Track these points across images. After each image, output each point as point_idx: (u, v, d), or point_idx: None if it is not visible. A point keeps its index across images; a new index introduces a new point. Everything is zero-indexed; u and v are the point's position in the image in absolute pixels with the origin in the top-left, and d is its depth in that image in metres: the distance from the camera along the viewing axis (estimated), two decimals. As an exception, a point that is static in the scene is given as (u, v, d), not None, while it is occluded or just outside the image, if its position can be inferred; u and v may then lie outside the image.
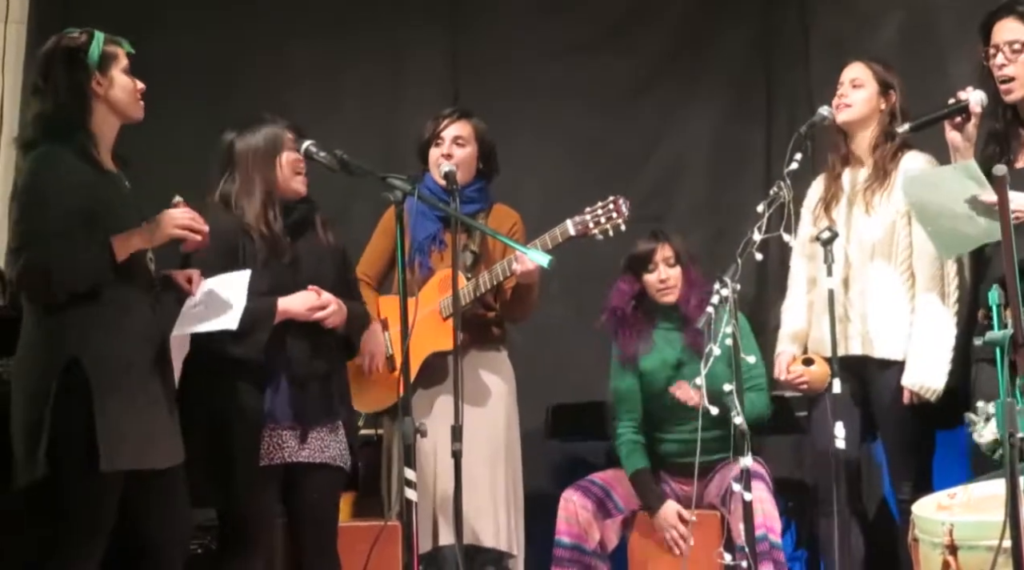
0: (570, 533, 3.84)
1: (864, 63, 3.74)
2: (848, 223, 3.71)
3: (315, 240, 3.40)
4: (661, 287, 3.93)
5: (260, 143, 3.34)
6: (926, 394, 3.57)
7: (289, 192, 3.37)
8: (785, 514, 3.94)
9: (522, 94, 4.87)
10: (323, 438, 3.33)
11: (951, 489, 2.91)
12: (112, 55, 3.00)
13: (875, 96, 3.71)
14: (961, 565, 2.61)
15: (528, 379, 4.01)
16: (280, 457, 3.27)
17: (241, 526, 3.26)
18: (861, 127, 3.73)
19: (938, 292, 3.61)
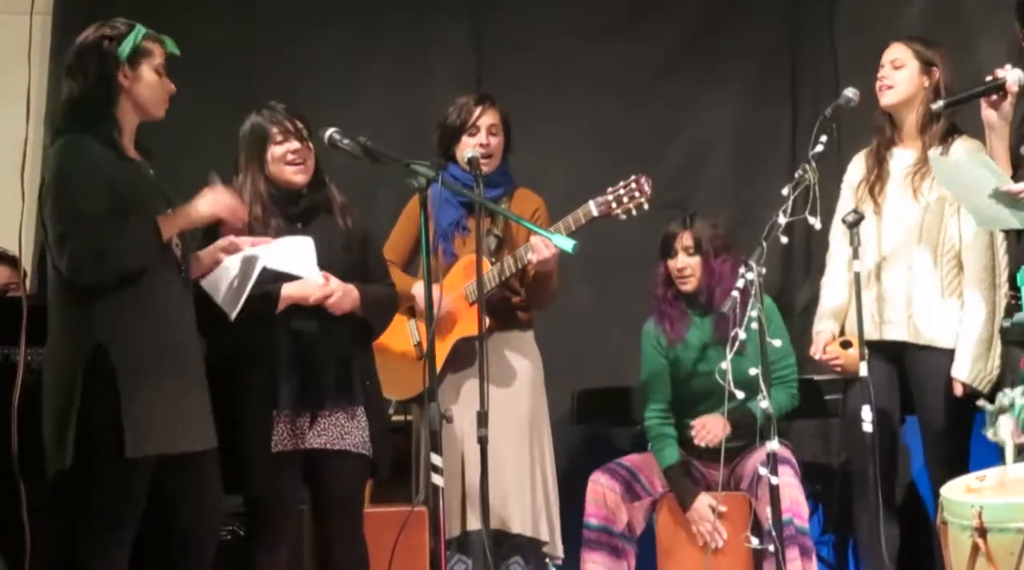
0: (598, 515, 3.85)
1: (903, 43, 3.69)
2: (891, 206, 3.67)
3: (328, 226, 3.40)
4: (678, 275, 3.93)
5: (247, 133, 3.38)
6: (978, 386, 3.54)
7: (285, 184, 3.37)
8: (812, 498, 3.93)
9: (545, 79, 4.86)
10: (342, 424, 3.33)
11: (980, 471, 2.89)
12: (146, 51, 3.01)
13: (917, 74, 3.66)
14: (991, 547, 2.59)
15: (554, 364, 4.01)
16: (294, 444, 3.28)
17: (263, 512, 3.28)
18: (907, 108, 3.67)
19: (989, 283, 3.56)
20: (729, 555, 3.74)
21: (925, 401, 3.65)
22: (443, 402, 3.45)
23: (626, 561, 3.83)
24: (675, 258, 3.93)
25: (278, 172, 3.36)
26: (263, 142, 3.35)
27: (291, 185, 3.37)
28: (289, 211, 3.36)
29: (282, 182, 3.36)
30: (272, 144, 3.34)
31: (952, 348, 3.59)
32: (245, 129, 3.38)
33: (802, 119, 4.76)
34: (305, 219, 3.38)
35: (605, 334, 4.59)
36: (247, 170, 3.36)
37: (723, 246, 3.92)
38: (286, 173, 3.35)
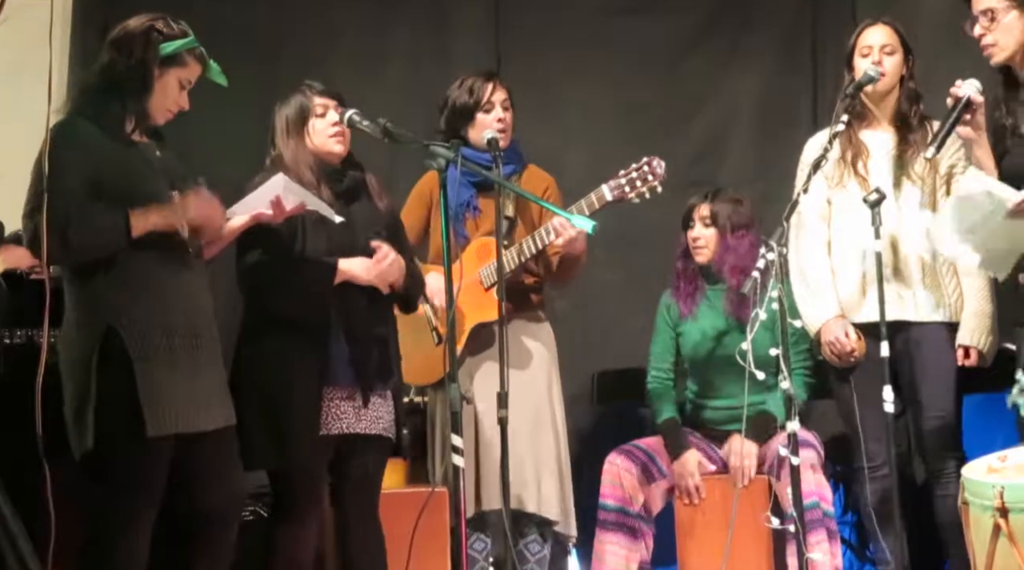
0: (615, 496, 3.85)
1: (890, 27, 3.70)
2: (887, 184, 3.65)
3: (370, 205, 3.42)
4: (693, 245, 3.95)
5: (290, 112, 3.39)
6: (986, 353, 3.53)
7: (327, 155, 3.38)
8: (833, 478, 3.92)
9: (565, 56, 4.85)
10: (378, 407, 3.34)
11: (1002, 451, 2.89)
12: (183, 61, 3.02)
13: (902, 61, 3.69)
14: (1012, 527, 2.60)
15: (573, 344, 4.02)
16: (339, 427, 3.27)
17: (294, 493, 3.28)
18: (888, 92, 3.69)
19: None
20: (749, 537, 3.74)
21: (921, 379, 3.62)
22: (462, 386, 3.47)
23: (643, 541, 3.84)
24: (693, 228, 3.94)
25: (320, 144, 3.37)
26: (305, 116, 3.38)
27: (331, 156, 3.38)
28: (336, 188, 3.37)
29: (323, 153, 3.38)
30: (313, 117, 3.37)
31: (954, 322, 3.59)
32: (289, 106, 3.39)
33: (823, 97, 4.73)
34: (348, 198, 3.39)
35: (625, 314, 4.58)
36: (288, 142, 3.37)
37: (743, 222, 3.92)
38: (327, 144, 3.37)
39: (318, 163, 3.37)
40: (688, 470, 3.84)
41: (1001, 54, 3.32)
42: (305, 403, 3.23)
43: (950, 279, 3.64)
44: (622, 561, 3.81)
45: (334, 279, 3.27)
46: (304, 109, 3.39)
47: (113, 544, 2.88)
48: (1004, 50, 3.32)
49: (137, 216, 2.91)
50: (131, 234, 2.90)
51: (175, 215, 2.97)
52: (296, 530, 3.28)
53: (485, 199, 3.79)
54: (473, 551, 3.78)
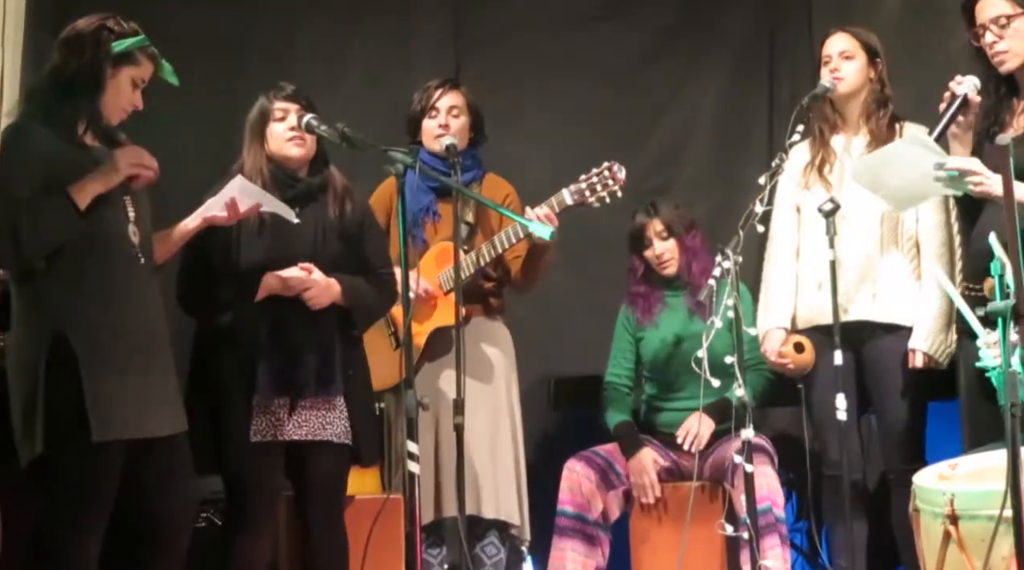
0: (573, 502, 3.86)
1: (849, 33, 3.74)
2: (845, 188, 3.69)
3: (322, 212, 3.39)
4: (658, 262, 3.96)
5: (252, 117, 3.40)
6: (938, 356, 3.57)
7: (285, 159, 3.37)
8: (786, 486, 3.95)
9: (525, 66, 4.85)
10: (322, 415, 3.33)
11: (952, 459, 2.91)
12: (136, 59, 3.00)
13: (865, 66, 3.72)
14: (962, 535, 2.62)
15: (531, 350, 4.02)
16: (273, 434, 3.28)
17: (242, 499, 3.28)
18: (853, 98, 3.73)
19: (946, 260, 3.62)
20: (703, 543, 3.76)
21: (885, 383, 3.67)
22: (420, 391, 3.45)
23: (600, 549, 3.85)
24: (651, 247, 3.96)
25: (277, 148, 3.37)
26: (264, 120, 3.38)
27: (289, 161, 3.38)
28: (286, 193, 3.35)
29: (281, 158, 3.37)
30: (272, 121, 3.37)
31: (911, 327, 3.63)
32: (252, 110, 3.42)
33: (779, 108, 4.77)
34: (300, 203, 3.37)
35: (583, 320, 4.60)
36: (250, 147, 3.39)
37: (690, 222, 3.99)
38: (284, 148, 3.36)
39: (275, 167, 3.35)
40: (644, 466, 3.84)
41: (1015, 60, 3.31)
42: (233, 414, 3.24)
43: (913, 281, 3.67)
44: (580, 567, 3.81)
45: (257, 294, 3.27)
46: (264, 113, 3.39)
47: (62, 552, 2.84)
48: (1018, 56, 3.31)
49: (77, 189, 2.88)
50: (80, 209, 2.87)
51: (109, 173, 2.94)
52: (248, 538, 3.28)
53: (444, 204, 3.80)
54: (429, 556, 3.78)
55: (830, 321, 3.50)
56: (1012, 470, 2.29)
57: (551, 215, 3.60)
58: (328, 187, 3.43)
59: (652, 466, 3.85)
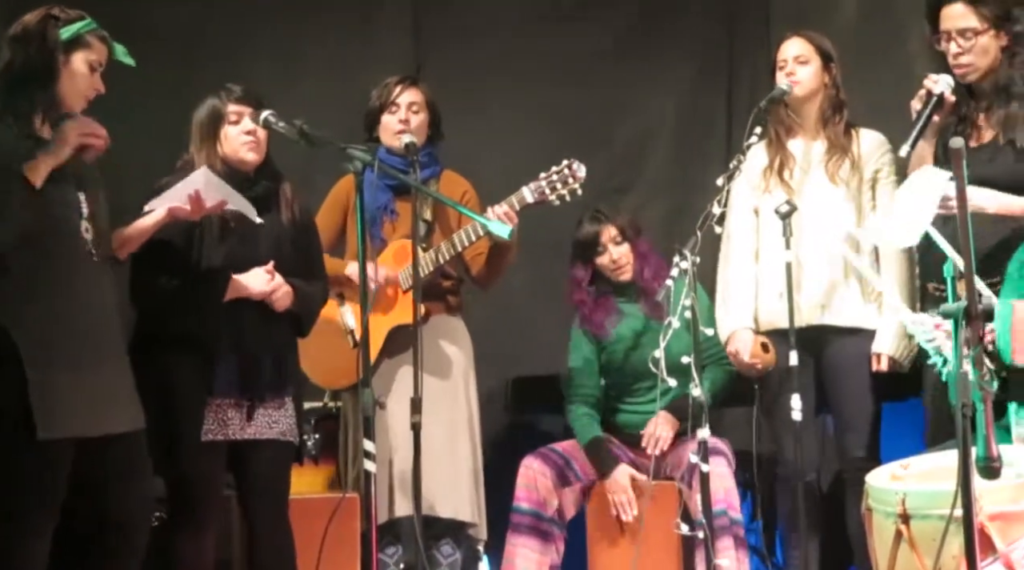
0: (529, 499, 3.86)
1: (804, 38, 3.77)
2: (804, 192, 3.73)
3: (276, 217, 3.38)
4: (614, 267, 3.96)
5: (203, 116, 3.36)
6: (902, 359, 3.61)
7: (239, 163, 3.35)
8: (742, 486, 3.98)
9: (485, 65, 4.85)
10: (271, 414, 3.32)
11: (904, 460, 2.94)
12: (87, 43, 2.97)
13: (820, 70, 3.75)
14: (913, 534, 2.64)
15: (488, 349, 4.02)
16: (224, 434, 3.27)
17: (188, 500, 3.27)
18: (809, 101, 3.76)
19: (908, 263, 3.65)
20: (658, 543, 3.77)
21: (842, 385, 3.70)
22: (379, 389, 3.46)
23: (555, 546, 3.85)
24: (605, 253, 3.96)
25: (231, 151, 3.34)
26: (218, 121, 3.34)
27: (243, 164, 3.35)
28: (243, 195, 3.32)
29: (235, 161, 3.34)
30: (226, 124, 3.34)
31: (873, 330, 3.66)
32: (201, 110, 3.37)
33: (738, 110, 4.79)
34: (257, 208, 3.34)
35: (541, 320, 4.60)
36: (201, 147, 3.35)
37: (638, 227, 4.00)
38: (239, 152, 3.33)
39: (228, 171, 3.33)
40: (621, 486, 3.83)
41: (975, 74, 3.39)
42: (188, 418, 3.21)
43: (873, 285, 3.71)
44: (533, 565, 3.81)
45: (224, 295, 3.25)
46: (217, 114, 3.35)
47: (10, 551, 2.81)
48: (978, 71, 3.39)
49: (30, 167, 2.85)
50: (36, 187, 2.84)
51: (58, 146, 2.91)
52: (193, 537, 3.26)
53: (402, 203, 3.79)
54: (385, 556, 3.77)
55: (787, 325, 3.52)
56: (963, 470, 2.32)
57: (511, 213, 3.61)
58: (280, 192, 3.41)
59: (628, 482, 3.83)
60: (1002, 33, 3.39)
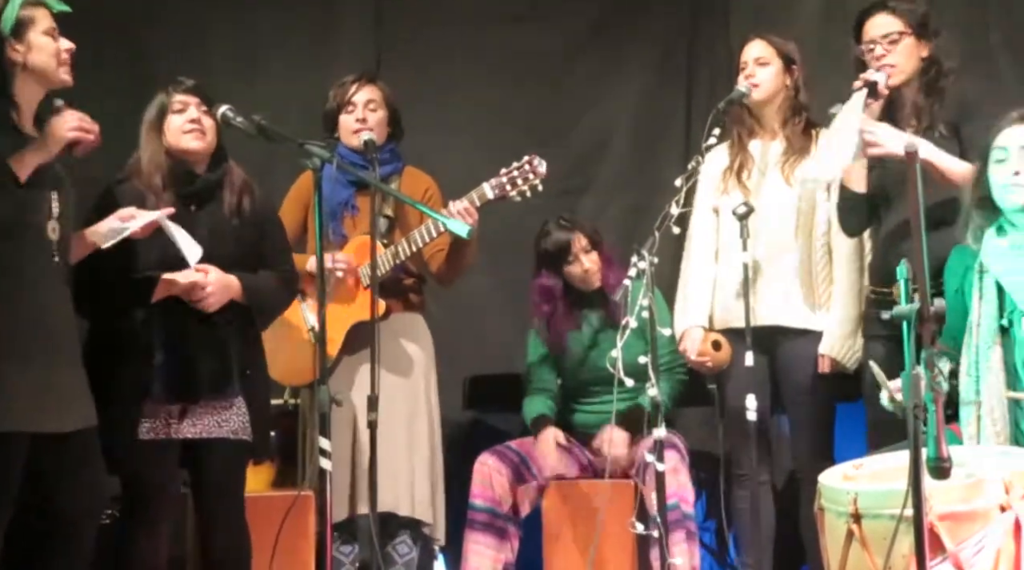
0: (484, 496, 3.87)
1: (765, 40, 3.80)
2: (762, 193, 3.76)
3: (219, 211, 3.34)
4: (585, 277, 3.96)
5: (150, 111, 3.34)
6: (845, 362, 3.64)
7: (183, 152, 3.31)
8: (697, 485, 4.00)
9: (447, 62, 4.85)
10: (218, 413, 3.28)
11: (857, 460, 2.97)
12: (29, 19, 2.92)
13: (780, 72, 3.78)
14: (865, 533, 2.66)
15: (446, 349, 4.01)
16: (167, 432, 3.24)
17: (139, 497, 3.24)
18: (769, 103, 3.79)
19: (856, 266, 3.69)
20: (614, 540, 3.79)
21: (796, 385, 3.73)
22: (339, 386, 3.46)
23: (509, 543, 3.86)
24: (576, 262, 3.96)
25: (175, 141, 3.31)
26: (163, 114, 3.32)
27: (188, 154, 3.31)
28: (183, 190, 3.30)
29: (179, 152, 3.31)
30: (171, 114, 3.31)
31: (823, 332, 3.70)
32: (150, 107, 3.35)
33: (697, 111, 4.81)
34: (198, 201, 3.32)
35: (498, 319, 4.61)
36: (147, 141, 3.32)
37: (597, 232, 4.01)
38: (183, 141, 3.30)
39: (172, 164, 3.29)
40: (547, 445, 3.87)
41: (899, 76, 3.44)
42: (123, 417, 3.18)
43: (825, 287, 3.74)
44: (488, 562, 3.82)
45: (152, 295, 3.22)
46: (162, 107, 3.32)
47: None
48: (903, 73, 3.45)
49: (16, 161, 2.83)
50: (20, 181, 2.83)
51: (47, 141, 2.90)
52: (146, 535, 3.23)
53: (363, 198, 3.79)
54: (340, 554, 3.76)
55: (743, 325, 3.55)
56: (913, 470, 2.34)
57: (471, 209, 3.61)
58: (226, 183, 3.37)
59: (553, 442, 3.87)
60: (923, 42, 3.46)
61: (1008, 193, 3.00)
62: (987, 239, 3.05)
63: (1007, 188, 3.00)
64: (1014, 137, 3.02)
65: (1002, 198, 3.03)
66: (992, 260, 3.02)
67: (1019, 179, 2.99)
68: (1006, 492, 2.62)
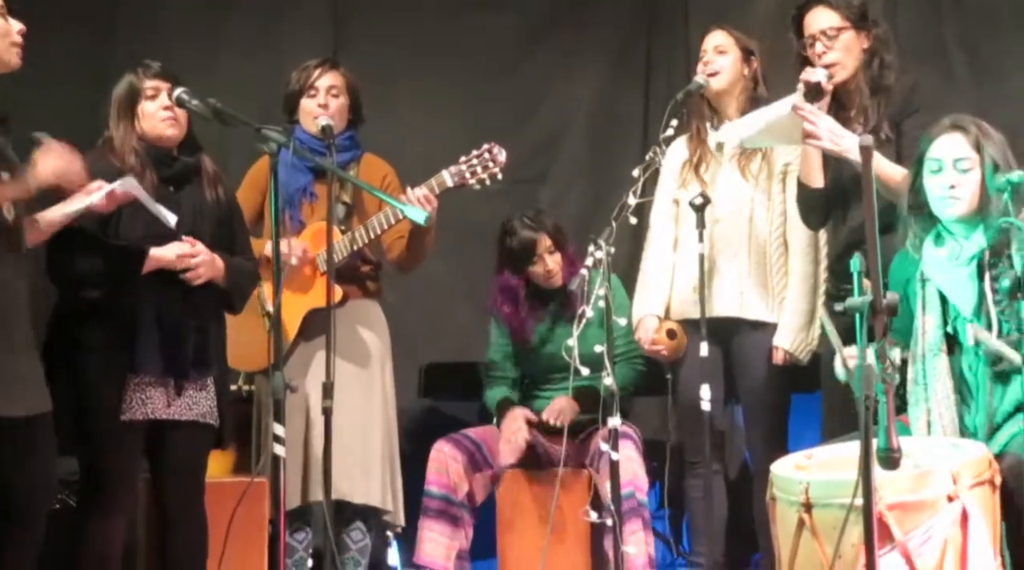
0: (439, 483, 3.87)
1: (725, 30, 3.82)
2: (720, 186, 3.78)
3: (198, 193, 3.34)
4: (548, 276, 3.97)
5: (120, 93, 3.31)
6: (799, 354, 3.67)
7: (158, 139, 3.30)
8: (650, 474, 4.02)
9: (405, 50, 4.83)
10: (192, 395, 3.28)
11: (808, 450, 3.00)
12: None
13: (739, 62, 3.79)
14: (815, 522, 2.69)
15: (402, 337, 4.01)
16: (144, 413, 3.21)
17: (101, 481, 3.21)
18: (728, 94, 3.81)
19: (811, 258, 3.72)
20: (569, 528, 3.81)
21: (750, 377, 3.76)
22: (294, 372, 3.44)
23: (463, 530, 3.87)
24: (540, 262, 3.96)
25: (149, 128, 3.29)
26: (135, 98, 3.29)
27: (162, 141, 3.30)
28: (162, 172, 3.28)
29: (153, 138, 3.30)
30: (144, 99, 3.29)
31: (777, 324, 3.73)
32: (119, 86, 3.32)
33: (655, 102, 4.83)
34: (177, 183, 3.31)
35: (456, 307, 4.61)
36: (119, 125, 3.30)
37: (562, 230, 4.01)
38: (157, 128, 3.29)
39: (146, 147, 3.28)
40: (517, 423, 3.89)
41: (843, 73, 3.46)
42: (108, 395, 3.15)
43: (779, 279, 3.77)
44: (442, 549, 3.83)
45: (142, 267, 3.19)
46: (134, 91, 3.30)
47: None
48: (845, 69, 3.47)
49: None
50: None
51: (29, 181, 2.88)
52: (103, 520, 3.20)
53: (321, 185, 3.76)
54: (294, 541, 3.74)
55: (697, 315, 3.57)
56: (864, 460, 2.37)
57: (430, 196, 3.60)
58: (201, 170, 3.37)
59: (524, 423, 3.91)
60: (863, 34, 3.48)
61: (945, 205, 3.01)
62: (926, 249, 3.06)
63: (944, 200, 3.00)
64: (947, 148, 3.02)
65: (939, 209, 3.04)
66: (932, 270, 3.04)
67: (955, 193, 2.99)
68: (954, 483, 2.66)
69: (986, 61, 4.28)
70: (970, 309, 2.97)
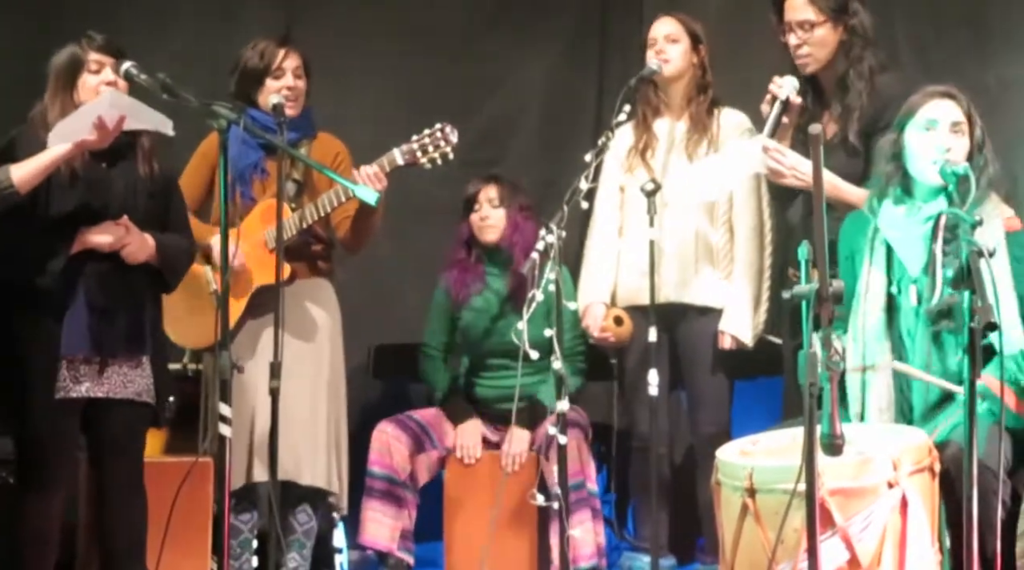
0: (382, 463, 3.86)
1: (675, 18, 3.84)
2: (667, 172, 3.80)
3: (131, 170, 3.28)
4: (481, 224, 3.96)
5: (61, 63, 3.25)
6: (744, 339, 3.70)
7: None
8: (598, 458, 4.04)
9: (357, 29, 4.79)
10: (125, 373, 3.24)
11: (754, 435, 3.02)
12: None
13: (689, 50, 3.82)
14: (759, 507, 2.72)
15: (352, 317, 3.99)
16: (78, 391, 3.18)
17: (38, 459, 3.18)
18: (676, 81, 3.82)
19: (757, 244, 3.75)
20: (515, 513, 3.81)
21: (696, 362, 3.79)
22: (240, 351, 3.41)
23: (407, 510, 3.86)
24: (478, 211, 3.96)
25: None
26: (76, 70, 3.23)
27: None
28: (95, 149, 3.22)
29: None
30: (86, 73, 3.23)
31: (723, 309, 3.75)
32: (60, 56, 3.25)
33: (608, 87, 4.83)
34: (110, 160, 3.25)
35: (406, 288, 4.59)
36: (56, 96, 3.23)
37: (527, 204, 4.00)
38: None
39: None
40: (472, 435, 3.90)
41: (814, 65, 3.50)
42: (40, 374, 3.12)
43: (725, 264, 3.79)
44: (386, 530, 3.82)
45: (71, 248, 3.15)
46: (76, 62, 3.24)
47: None
48: (817, 62, 3.51)
49: None
50: None
51: None
52: (40, 498, 3.17)
53: (273, 162, 3.73)
54: (239, 522, 3.72)
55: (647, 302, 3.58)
56: (808, 446, 2.39)
57: (380, 174, 3.58)
58: (137, 144, 3.31)
59: (479, 435, 3.92)
60: (840, 26, 3.51)
61: (933, 168, 2.97)
62: (884, 206, 3.09)
63: (935, 163, 2.97)
64: (943, 111, 3.03)
65: (923, 170, 3.03)
66: (887, 225, 3.06)
67: (951, 155, 2.98)
68: (894, 469, 2.70)
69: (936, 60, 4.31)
70: (918, 268, 3.01)
